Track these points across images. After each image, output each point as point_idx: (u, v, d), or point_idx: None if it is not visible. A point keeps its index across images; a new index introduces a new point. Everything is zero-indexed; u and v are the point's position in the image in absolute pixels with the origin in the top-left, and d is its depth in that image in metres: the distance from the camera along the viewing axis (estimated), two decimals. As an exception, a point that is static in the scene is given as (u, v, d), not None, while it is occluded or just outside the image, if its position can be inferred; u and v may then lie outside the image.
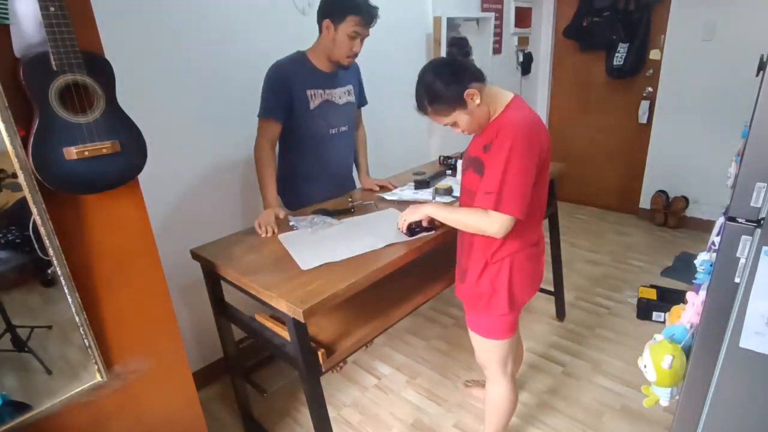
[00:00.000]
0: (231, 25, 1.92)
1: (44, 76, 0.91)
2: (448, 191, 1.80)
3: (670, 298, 2.46)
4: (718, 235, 1.21)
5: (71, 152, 0.95)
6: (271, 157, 1.74)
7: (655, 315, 2.44)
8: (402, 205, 1.80)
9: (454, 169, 2.11)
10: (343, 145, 1.92)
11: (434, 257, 1.74)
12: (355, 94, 1.94)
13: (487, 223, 1.20)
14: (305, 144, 1.83)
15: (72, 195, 1.02)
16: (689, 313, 1.24)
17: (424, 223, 1.48)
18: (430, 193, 1.86)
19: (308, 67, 1.74)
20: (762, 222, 1.00)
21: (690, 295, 1.26)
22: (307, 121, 1.77)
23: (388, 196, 1.90)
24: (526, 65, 3.88)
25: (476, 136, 1.32)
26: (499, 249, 1.30)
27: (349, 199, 1.84)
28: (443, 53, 2.90)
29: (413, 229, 1.47)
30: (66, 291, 1.01)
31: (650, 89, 3.55)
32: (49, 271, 1.00)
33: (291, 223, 1.64)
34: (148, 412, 1.25)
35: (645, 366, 1.24)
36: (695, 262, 1.29)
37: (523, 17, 3.73)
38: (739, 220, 1.03)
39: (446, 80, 1.21)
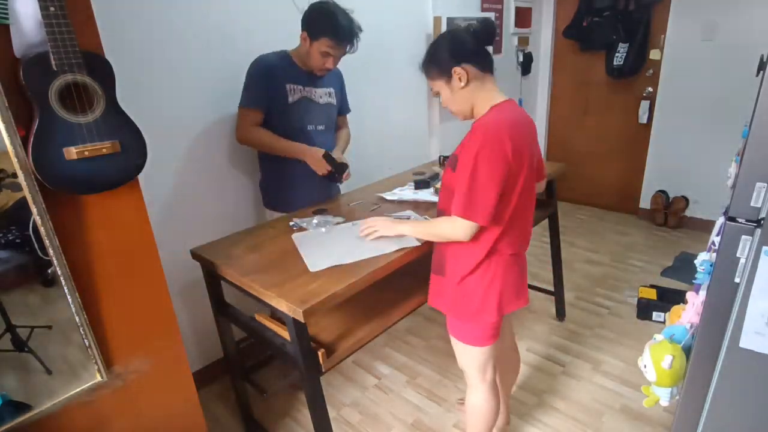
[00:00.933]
0: (231, 24, 1.92)
1: (44, 76, 0.91)
2: None
3: (670, 298, 2.46)
4: (718, 235, 1.21)
5: (71, 152, 0.96)
6: (262, 130, 1.77)
7: (655, 315, 2.44)
8: (402, 205, 1.80)
9: None
10: (320, 143, 1.87)
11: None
12: (336, 98, 1.95)
13: (452, 230, 1.21)
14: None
15: (72, 195, 1.02)
16: (689, 313, 1.24)
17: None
18: (431, 192, 1.86)
19: (291, 64, 1.79)
20: (762, 222, 1.00)
21: (690, 295, 1.26)
22: (286, 115, 1.79)
23: (388, 196, 1.89)
24: (526, 65, 3.88)
25: None
26: (478, 255, 1.25)
27: (349, 203, 1.84)
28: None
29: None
30: (66, 291, 1.01)
31: (650, 89, 3.55)
32: (49, 271, 1.00)
33: (291, 224, 1.64)
34: (148, 412, 1.25)
35: (645, 366, 1.24)
36: (695, 262, 1.29)
37: (523, 17, 3.73)
38: (739, 220, 1.03)
39: (445, 49, 1.21)
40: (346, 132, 2.11)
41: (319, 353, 1.28)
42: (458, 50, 1.20)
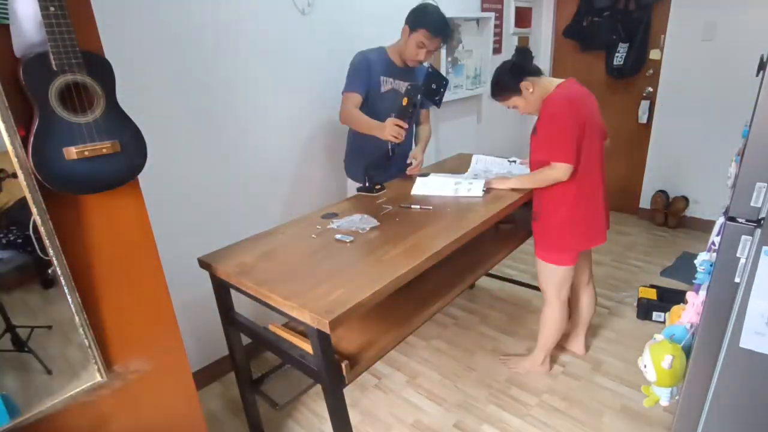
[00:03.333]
0: (231, 24, 1.92)
1: (44, 76, 0.91)
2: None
3: (670, 298, 2.46)
4: (718, 235, 1.21)
5: (71, 152, 0.95)
6: (357, 111, 1.99)
7: (655, 315, 2.44)
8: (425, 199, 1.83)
9: None
10: None
11: (450, 263, 1.69)
12: None
13: (552, 172, 1.67)
14: None
15: (72, 195, 1.02)
16: (689, 313, 1.25)
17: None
18: (477, 190, 1.88)
19: (385, 59, 2.06)
20: (762, 222, 1.00)
21: (690, 295, 1.26)
22: (376, 102, 2.06)
23: (420, 191, 1.97)
24: (526, 65, 3.88)
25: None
26: (561, 197, 1.74)
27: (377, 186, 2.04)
28: (443, 52, 2.91)
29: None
30: (66, 291, 1.01)
31: (650, 89, 3.55)
32: (49, 271, 1.00)
33: (329, 226, 1.63)
34: (148, 412, 1.25)
35: (645, 366, 1.24)
36: (695, 262, 1.29)
37: (523, 17, 3.73)
38: (739, 220, 1.03)
39: (506, 75, 1.77)
40: (426, 129, 2.31)
41: (343, 365, 1.22)
42: (518, 73, 1.75)
